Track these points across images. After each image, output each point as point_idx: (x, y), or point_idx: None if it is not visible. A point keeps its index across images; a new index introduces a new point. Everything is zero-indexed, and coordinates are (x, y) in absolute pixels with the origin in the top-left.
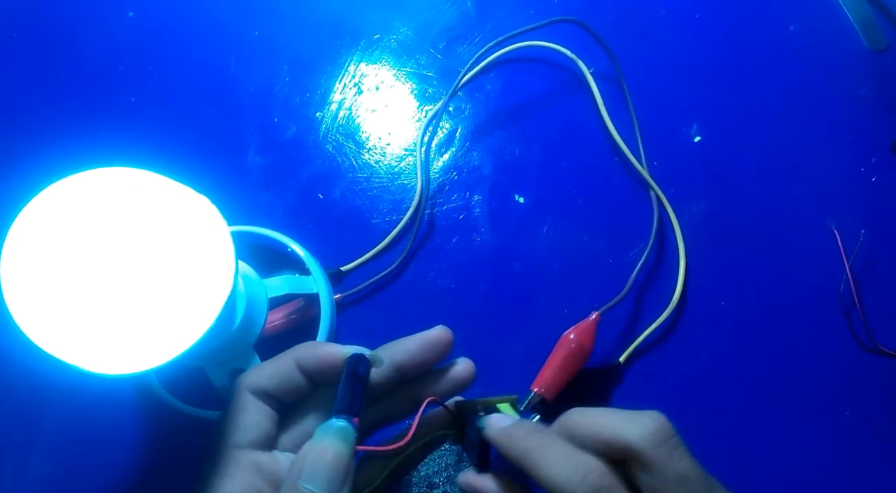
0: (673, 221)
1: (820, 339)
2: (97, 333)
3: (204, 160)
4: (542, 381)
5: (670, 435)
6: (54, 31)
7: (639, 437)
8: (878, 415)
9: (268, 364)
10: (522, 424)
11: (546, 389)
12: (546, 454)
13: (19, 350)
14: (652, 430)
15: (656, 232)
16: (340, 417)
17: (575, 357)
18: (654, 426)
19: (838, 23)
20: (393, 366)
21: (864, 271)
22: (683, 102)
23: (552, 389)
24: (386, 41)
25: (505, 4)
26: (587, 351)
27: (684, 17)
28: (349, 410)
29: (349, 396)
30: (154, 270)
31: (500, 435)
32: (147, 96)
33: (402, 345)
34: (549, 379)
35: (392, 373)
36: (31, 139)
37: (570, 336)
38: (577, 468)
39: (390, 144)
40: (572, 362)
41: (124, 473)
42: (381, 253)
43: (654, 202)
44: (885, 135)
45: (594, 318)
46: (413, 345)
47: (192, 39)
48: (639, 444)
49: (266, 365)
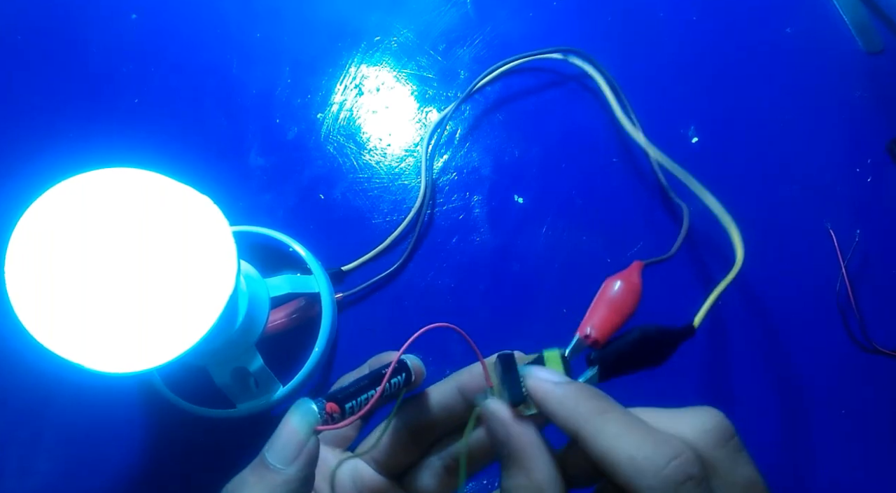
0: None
1: (816, 338)
2: (101, 331)
3: (206, 161)
4: (588, 322)
5: (731, 435)
6: (58, 34)
7: (698, 434)
8: (874, 413)
9: (351, 373)
10: (580, 384)
11: (595, 328)
12: (614, 423)
13: (24, 349)
14: (712, 427)
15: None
16: (317, 400)
17: (624, 294)
18: (713, 422)
19: (834, 25)
20: (456, 389)
21: (860, 271)
22: (681, 104)
23: (603, 329)
24: (386, 43)
25: (504, 6)
26: (637, 290)
27: (682, 20)
28: (332, 396)
29: (346, 386)
30: (157, 269)
31: (551, 391)
32: (150, 98)
33: (468, 368)
34: (597, 319)
35: (454, 397)
36: (36, 140)
37: (615, 277)
38: (660, 446)
39: (391, 145)
40: (622, 300)
41: (128, 470)
42: (382, 253)
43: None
44: (880, 136)
45: (636, 265)
46: (478, 368)
47: (195, 41)
48: (697, 442)
49: (350, 374)
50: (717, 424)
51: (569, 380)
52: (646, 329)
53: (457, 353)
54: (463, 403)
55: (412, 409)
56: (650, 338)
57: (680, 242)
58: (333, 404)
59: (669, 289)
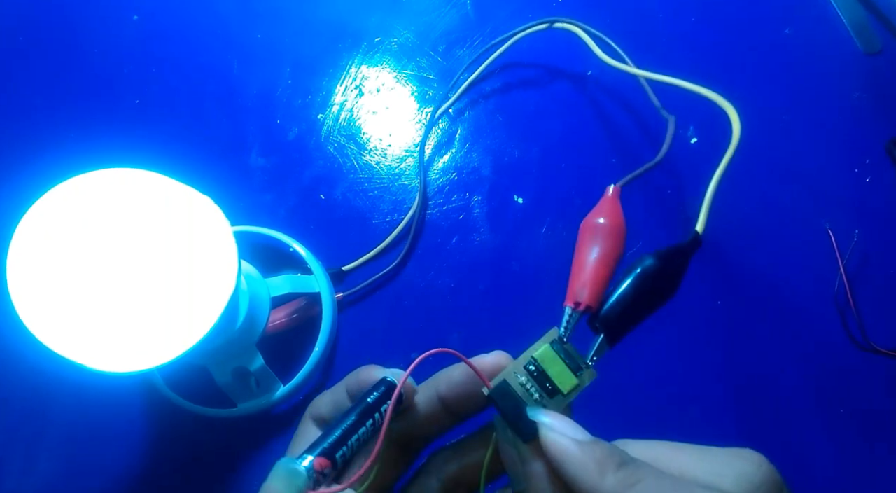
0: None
1: (814, 338)
2: (102, 331)
3: (207, 161)
4: (575, 286)
5: (779, 488)
6: (60, 35)
7: (745, 491)
8: (873, 413)
9: (327, 392)
10: (605, 445)
11: (585, 291)
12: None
13: (26, 348)
14: (759, 482)
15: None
16: (301, 457)
17: (606, 239)
18: (760, 476)
19: (832, 26)
20: (437, 397)
21: (858, 271)
22: (680, 105)
23: (592, 292)
24: (387, 44)
25: (504, 7)
26: (620, 227)
27: (681, 21)
28: (318, 448)
29: (332, 429)
30: (158, 269)
31: (573, 453)
32: (151, 98)
33: (446, 373)
34: (584, 280)
35: (437, 405)
36: (38, 140)
37: (591, 219)
38: None
39: (391, 146)
40: (606, 247)
41: (129, 469)
42: (383, 253)
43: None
44: (878, 136)
45: (612, 192)
46: (457, 374)
47: (196, 42)
48: None
49: (326, 393)
50: (763, 477)
51: (592, 439)
52: (644, 266)
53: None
54: (446, 412)
55: (397, 424)
56: (652, 274)
57: (665, 150)
58: (322, 459)
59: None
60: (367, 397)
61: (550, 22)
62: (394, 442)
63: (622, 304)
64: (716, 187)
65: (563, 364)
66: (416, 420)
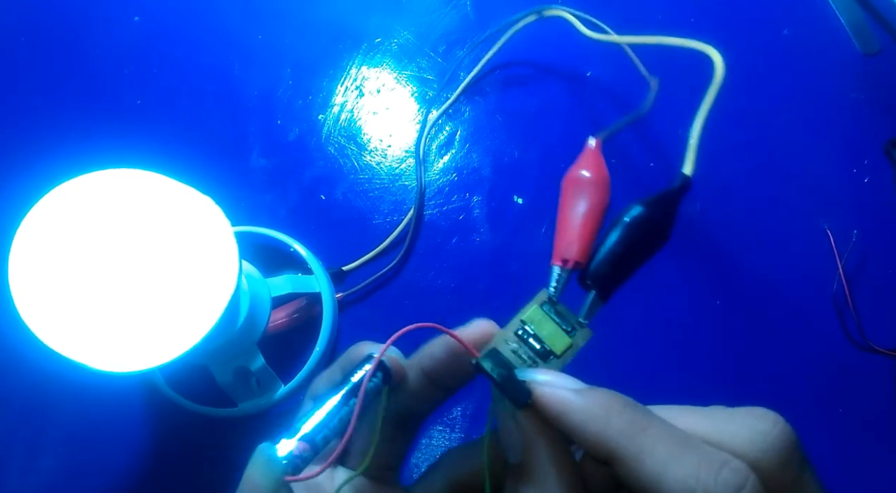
0: None
1: (813, 337)
2: (104, 331)
3: (208, 162)
4: (561, 245)
5: (795, 448)
6: (61, 36)
7: (758, 449)
8: (871, 412)
9: (325, 372)
10: (605, 391)
11: (572, 248)
12: (661, 441)
13: (27, 348)
14: (773, 439)
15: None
16: (278, 441)
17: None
18: (775, 433)
19: (831, 27)
20: (423, 373)
21: (857, 271)
22: (679, 105)
23: (580, 248)
24: (387, 45)
25: (503, 8)
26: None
27: (680, 23)
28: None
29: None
30: (159, 269)
31: (571, 402)
32: (152, 99)
33: (428, 349)
34: (570, 237)
35: (423, 381)
36: (40, 141)
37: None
38: (723, 472)
39: (391, 146)
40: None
41: (129, 469)
42: (383, 253)
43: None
44: (877, 137)
45: (595, 145)
46: (438, 349)
47: (197, 43)
48: (761, 460)
49: (324, 372)
50: (780, 435)
51: (589, 387)
52: (632, 215)
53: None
54: (434, 387)
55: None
56: (640, 222)
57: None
58: (301, 442)
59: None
60: (352, 375)
61: (539, 11)
62: (390, 421)
63: (612, 257)
64: (701, 126)
65: (555, 325)
66: (406, 397)
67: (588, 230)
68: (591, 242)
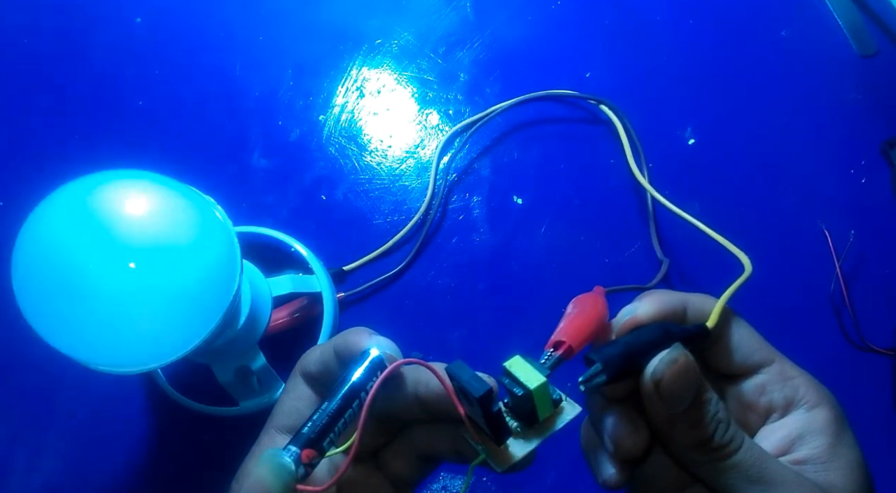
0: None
1: (811, 337)
2: (106, 331)
3: (210, 162)
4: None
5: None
6: (64, 37)
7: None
8: (869, 412)
9: (317, 348)
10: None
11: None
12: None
13: (29, 348)
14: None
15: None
16: (287, 448)
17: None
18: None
19: (828, 28)
20: (416, 398)
21: (854, 271)
22: (678, 106)
23: (576, 337)
24: (387, 46)
25: (503, 10)
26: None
27: (679, 24)
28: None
29: (319, 417)
30: (161, 269)
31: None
32: (155, 100)
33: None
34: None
35: (415, 404)
36: (43, 142)
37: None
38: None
39: (392, 147)
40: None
41: (131, 467)
42: (383, 253)
43: (650, 203)
44: (874, 137)
45: (600, 290)
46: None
47: (199, 45)
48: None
49: (316, 348)
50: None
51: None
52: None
53: (454, 352)
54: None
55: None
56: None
57: (657, 282)
58: (310, 450)
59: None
60: (351, 371)
61: (598, 101)
62: (373, 418)
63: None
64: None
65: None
66: (396, 409)
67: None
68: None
